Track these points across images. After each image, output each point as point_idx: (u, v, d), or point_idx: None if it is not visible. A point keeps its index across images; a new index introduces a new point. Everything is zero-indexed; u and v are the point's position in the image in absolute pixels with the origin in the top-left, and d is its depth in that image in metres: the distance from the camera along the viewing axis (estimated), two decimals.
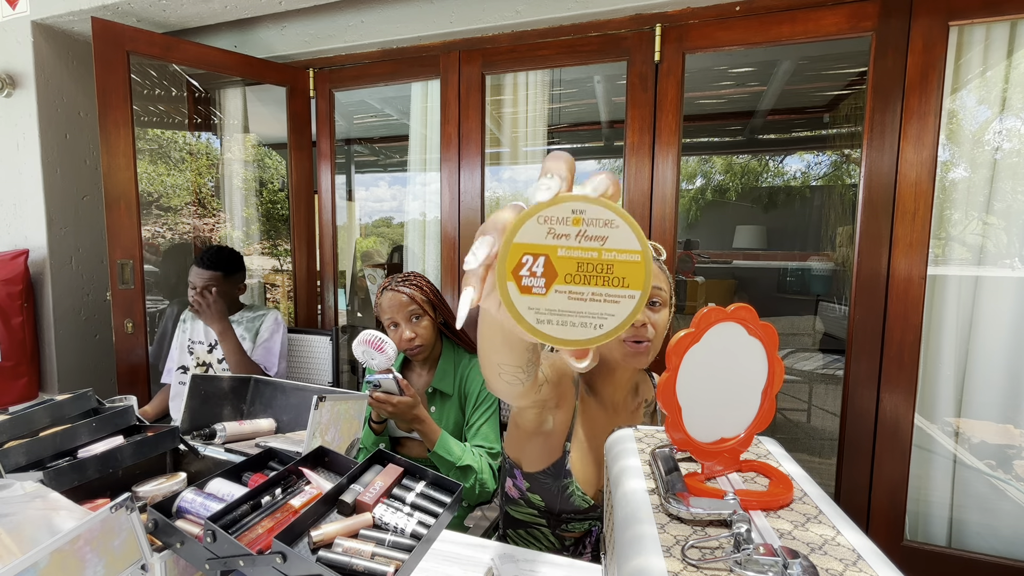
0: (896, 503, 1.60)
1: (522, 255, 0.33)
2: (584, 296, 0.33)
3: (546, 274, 0.33)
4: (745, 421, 0.58)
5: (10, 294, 1.97)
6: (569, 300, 0.33)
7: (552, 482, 0.96)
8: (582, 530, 1.00)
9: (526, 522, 1.03)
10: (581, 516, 0.98)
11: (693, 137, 4.70)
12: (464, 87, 2.01)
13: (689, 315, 4.02)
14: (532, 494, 0.98)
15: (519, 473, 1.00)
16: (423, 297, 1.34)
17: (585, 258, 0.33)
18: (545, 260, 0.33)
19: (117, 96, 1.88)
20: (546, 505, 0.98)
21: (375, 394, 1.18)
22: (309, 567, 0.60)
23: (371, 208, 6.63)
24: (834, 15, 1.59)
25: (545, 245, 0.33)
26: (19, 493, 0.69)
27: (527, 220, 0.33)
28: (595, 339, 0.34)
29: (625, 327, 0.34)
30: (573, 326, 0.34)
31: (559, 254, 0.33)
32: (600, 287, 0.33)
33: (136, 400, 1.02)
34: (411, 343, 1.33)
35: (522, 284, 0.33)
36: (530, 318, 0.34)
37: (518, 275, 0.33)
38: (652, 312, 0.93)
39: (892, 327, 1.57)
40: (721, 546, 0.47)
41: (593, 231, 0.33)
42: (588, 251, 0.33)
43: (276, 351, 1.79)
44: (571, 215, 0.33)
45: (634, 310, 0.33)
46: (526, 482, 0.99)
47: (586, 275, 0.33)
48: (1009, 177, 1.55)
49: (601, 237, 0.33)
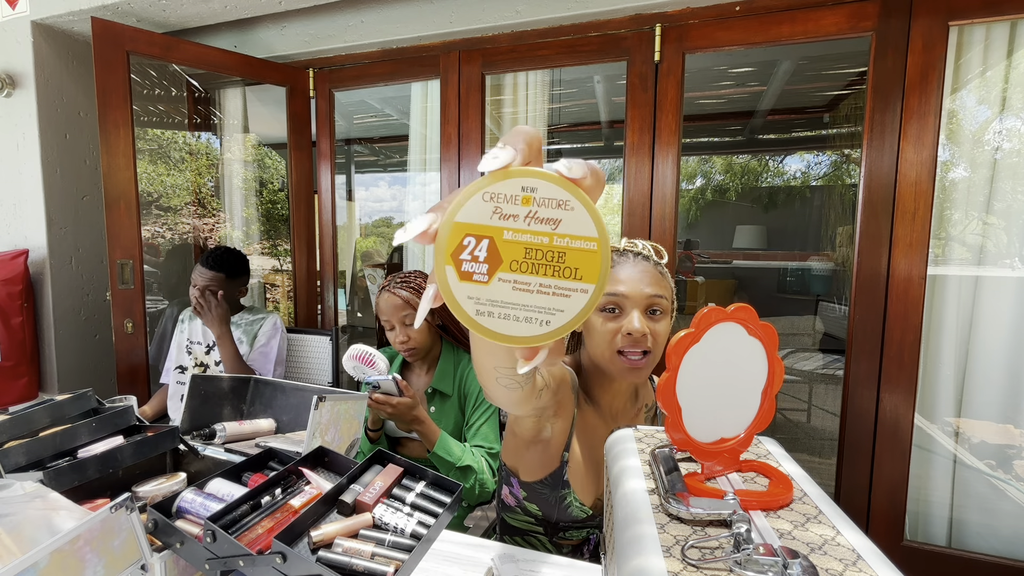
0: (896, 503, 1.60)
1: (464, 236, 0.29)
2: (531, 287, 0.29)
3: (489, 259, 0.29)
4: (745, 421, 0.58)
5: (10, 294, 1.97)
6: (513, 291, 0.29)
7: (549, 492, 0.93)
8: (580, 538, 0.98)
9: (523, 530, 1.01)
10: (579, 525, 0.96)
11: (693, 137, 4.70)
12: (464, 87, 2.01)
13: (689, 315, 4.01)
14: (529, 503, 0.96)
15: (516, 482, 0.98)
16: (418, 300, 1.35)
17: (534, 243, 0.29)
18: (489, 243, 0.29)
19: (117, 96, 1.88)
20: (543, 515, 0.95)
21: (374, 395, 1.19)
22: (309, 567, 0.60)
23: (371, 208, 6.63)
24: (834, 15, 1.59)
25: (490, 226, 0.29)
26: (19, 493, 0.69)
27: (471, 196, 0.29)
28: (539, 337, 0.30)
29: (574, 326, 0.30)
30: (516, 320, 0.30)
31: (505, 237, 0.29)
32: (549, 277, 0.29)
33: (136, 400, 1.02)
34: (404, 345, 1.35)
35: (462, 269, 0.29)
36: (469, 308, 0.30)
37: (458, 259, 0.29)
38: (652, 321, 0.86)
39: (892, 327, 1.57)
40: (721, 546, 0.47)
41: (544, 213, 0.29)
42: (538, 235, 0.29)
43: (272, 357, 1.79)
44: (520, 193, 0.28)
45: (586, 306, 0.29)
46: (523, 491, 0.97)
47: (534, 263, 0.29)
48: (1009, 177, 1.55)
49: (553, 220, 0.29)
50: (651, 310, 0.86)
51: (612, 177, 6.45)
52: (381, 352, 1.26)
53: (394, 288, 1.35)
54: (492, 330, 0.30)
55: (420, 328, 1.35)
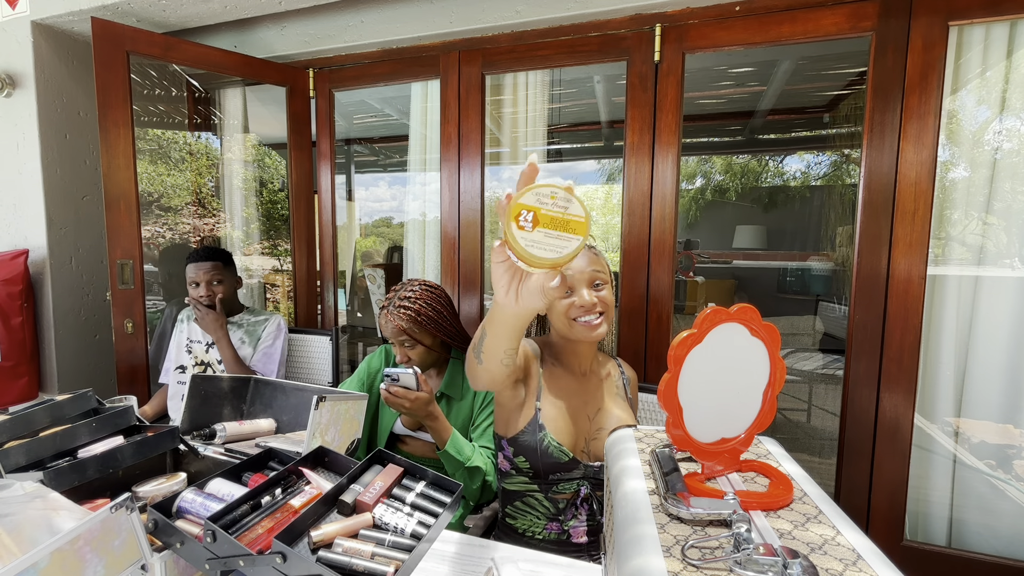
0: (896, 503, 1.60)
1: (521, 210, 0.55)
2: (551, 235, 0.55)
3: (534, 221, 0.55)
4: (746, 421, 0.58)
5: (10, 294, 1.97)
6: (545, 237, 0.55)
7: (530, 438, 1.08)
8: (571, 491, 1.10)
9: (520, 492, 1.13)
10: (565, 473, 1.08)
11: (693, 137, 4.70)
12: (464, 87, 2.01)
13: (689, 315, 4.02)
14: (518, 458, 1.10)
15: (505, 443, 1.12)
16: (416, 329, 1.33)
17: (555, 215, 0.56)
18: (534, 215, 0.55)
19: (117, 96, 1.88)
20: (530, 465, 1.08)
21: (392, 388, 1.16)
22: (309, 567, 0.60)
23: (371, 208, 6.63)
24: (834, 15, 1.59)
25: (534, 206, 0.55)
26: (19, 493, 0.69)
27: (526, 192, 0.55)
28: (556, 259, 0.55)
29: (572, 257, 0.56)
30: (544, 249, 0.55)
31: (542, 211, 0.55)
32: (561, 231, 0.56)
33: (136, 400, 1.02)
34: (407, 362, 1.36)
35: (519, 224, 0.55)
36: (523, 241, 0.55)
37: (517, 220, 0.55)
38: (597, 292, 1.09)
39: (892, 327, 1.57)
40: (721, 546, 0.47)
41: (560, 203, 0.56)
42: (557, 212, 0.56)
43: (276, 358, 1.79)
44: (550, 192, 0.56)
45: (578, 247, 0.56)
46: (511, 447, 1.11)
47: (555, 223, 0.55)
48: (1009, 177, 1.55)
49: (564, 207, 0.56)
50: (595, 284, 1.09)
51: (612, 177, 6.45)
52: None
53: (392, 311, 1.33)
54: (533, 254, 0.55)
55: (420, 351, 1.36)
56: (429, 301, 1.35)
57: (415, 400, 1.15)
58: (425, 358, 1.36)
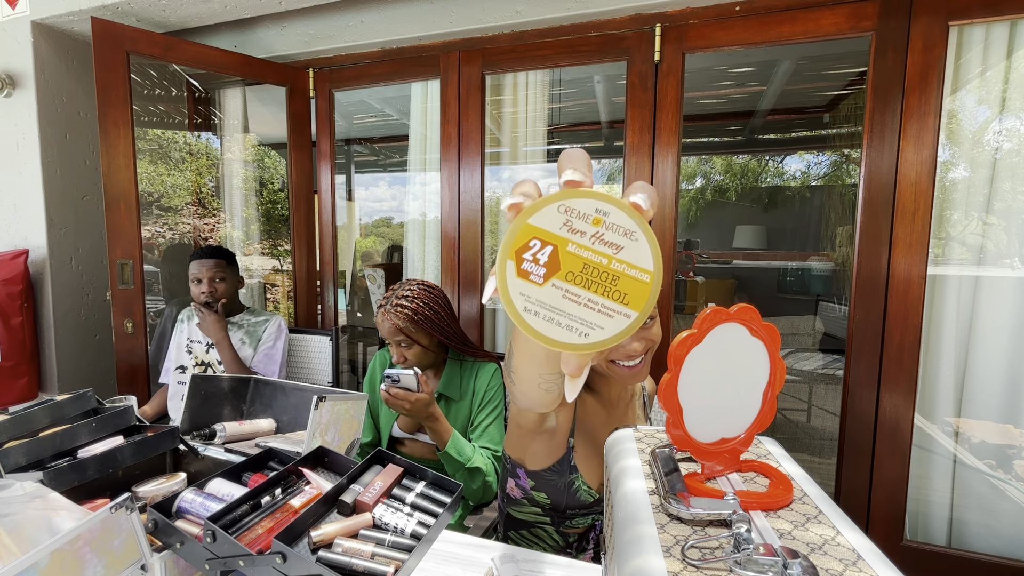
0: (896, 503, 1.60)
1: (531, 237, 0.31)
2: (580, 299, 0.31)
3: (548, 265, 0.31)
4: (746, 421, 0.58)
5: (10, 294, 1.97)
6: (563, 298, 0.31)
7: (558, 479, 0.96)
8: (586, 525, 1.00)
9: (529, 522, 1.03)
10: (585, 511, 0.98)
11: (693, 137, 4.70)
12: (464, 87, 2.01)
13: (689, 315, 4.02)
14: (537, 492, 0.98)
15: (523, 472, 0.99)
16: (413, 328, 1.31)
17: (593, 261, 0.31)
18: (552, 251, 0.31)
19: (117, 96, 1.88)
20: (552, 503, 0.98)
21: (392, 389, 1.15)
22: (309, 567, 0.60)
23: (371, 208, 6.63)
24: (834, 15, 1.59)
25: (558, 235, 0.31)
26: (19, 493, 0.69)
27: (547, 204, 0.31)
28: (576, 347, 0.32)
29: (610, 344, 0.32)
30: (558, 326, 0.32)
31: (568, 248, 0.31)
32: (599, 295, 0.31)
33: (136, 400, 1.02)
34: (404, 363, 1.35)
35: (521, 267, 0.31)
36: (518, 303, 0.32)
37: (520, 256, 0.31)
38: (645, 331, 0.94)
39: (892, 327, 1.57)
40: (721, 546, 0.47)
41: (610, 236, 0.31)
42: (599, 255, 0.31)
43: (277, 359, 1.79)
44: (594, 213, 0.31)
45: (626, 329, 0.32)
46: (531, 480, 0.98)
47: (588, 279, 0.31)
48: (1009, 177, 1.55)
49: (617, 245, 0.31)
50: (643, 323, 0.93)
51: (612, 177, 6.45)
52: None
53: (388, 310, 1.32)
54: (534, 328, 0.32)
55: (417, 351, 1.33)
56: (426, 301, 1.35)
57: (415, 401, 1.15)
58: (422, 358, 1.36)
